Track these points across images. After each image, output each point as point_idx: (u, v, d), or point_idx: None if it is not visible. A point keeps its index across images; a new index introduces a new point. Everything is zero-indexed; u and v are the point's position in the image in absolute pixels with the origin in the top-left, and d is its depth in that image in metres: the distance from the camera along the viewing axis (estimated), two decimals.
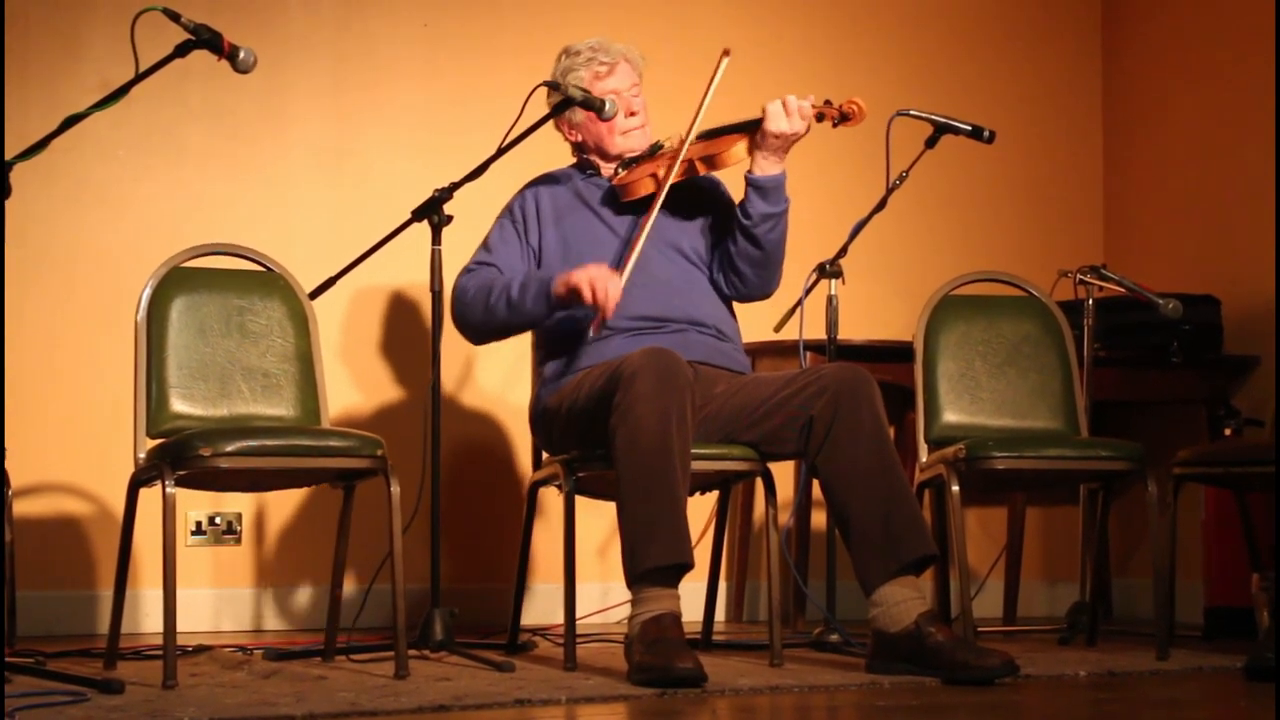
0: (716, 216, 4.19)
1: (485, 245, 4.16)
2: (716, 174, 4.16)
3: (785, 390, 3.84)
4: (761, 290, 4.17)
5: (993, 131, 4.29)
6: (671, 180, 4.02)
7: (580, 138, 4.20)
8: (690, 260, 4.13)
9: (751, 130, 4.02)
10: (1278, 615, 4.15)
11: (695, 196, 4.18)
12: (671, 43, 5.09)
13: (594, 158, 4.22)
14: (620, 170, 4.15)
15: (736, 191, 4.15)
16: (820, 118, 4.04)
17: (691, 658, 3.45)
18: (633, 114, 4.16)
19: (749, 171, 4.05)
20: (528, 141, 4.00)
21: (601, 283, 3.83)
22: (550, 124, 4.07)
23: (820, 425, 3.76)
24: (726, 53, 4.03)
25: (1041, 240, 5.75)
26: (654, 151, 4.14)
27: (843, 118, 4.04)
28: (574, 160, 4.27)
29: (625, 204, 4.10)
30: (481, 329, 4.09)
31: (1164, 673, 3.85)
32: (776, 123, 3.98)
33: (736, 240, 4.09)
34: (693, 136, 4.05)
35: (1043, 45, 5.91)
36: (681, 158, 4.02)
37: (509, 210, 4.20)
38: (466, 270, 4.13)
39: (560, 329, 4.05)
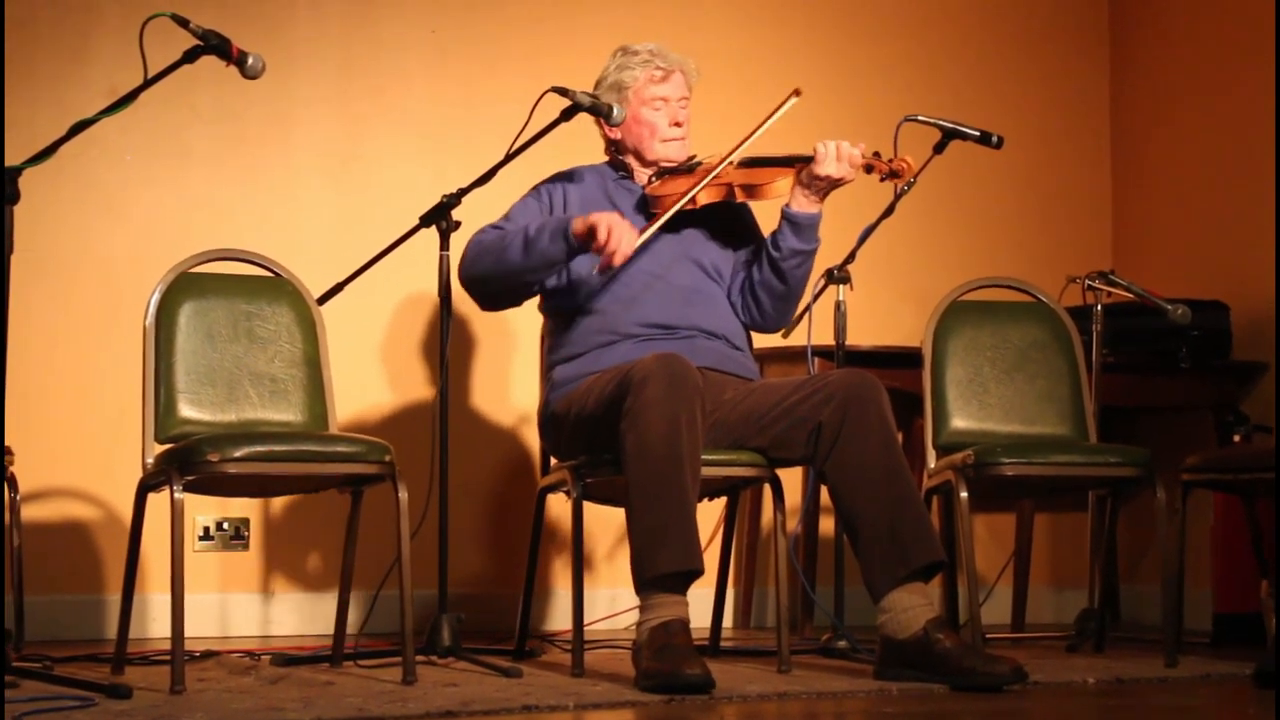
0: (741, 241, 4.19)
1: (506, 214, 4.13)
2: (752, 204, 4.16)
3: (793, 396, 3.83)
4: (776, 323, 4.18)
5: (1001, 137, 4.28)
6: (706, 200, 4.01)
7: (620, 136, 4.19)
8: (709, 274, 4.13)
9: (798, 167, 4.02)
10: None
11: (724, 218, 4.17)
12: (678, 48, 5.07)
13: (630, 159, 4.21)
14: (655, 180, 4.14)
15: (767, 222, 4.14)
16: (869, 169, 4.03)
17: (699, 663, 3.44)
18: (677, 124, 4.16)
19: (787, 205, 4.05)
20: (537, 147, 4.00)
21: (618, 230, 3.82)
22: (559, 130, 4.04)
23: (828, 431, 3.75)
24: (797, 92, 4.01)
25: (1050, 246, 5.75)
26: (691, 166, 4.13)
27: (891, 174, 4.04)
28: (606, 159, 4.26)
29: (653, 214, 4.08)
30: (487, 278, 4.01)
31: (1172, 680, 3.84)
32: (826, 165, 3.98)
33: (762, 269, 4.09)
34: (734, 157, 4.03)
35: (1051, 51, 5.91)
36: (720, 176, 3.99)
37: (537, 190, 4.19)
38: (481, 230, 4.09)
39: (567, 329, 4.06)
